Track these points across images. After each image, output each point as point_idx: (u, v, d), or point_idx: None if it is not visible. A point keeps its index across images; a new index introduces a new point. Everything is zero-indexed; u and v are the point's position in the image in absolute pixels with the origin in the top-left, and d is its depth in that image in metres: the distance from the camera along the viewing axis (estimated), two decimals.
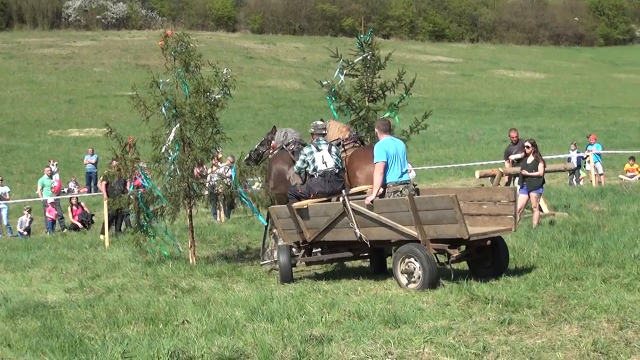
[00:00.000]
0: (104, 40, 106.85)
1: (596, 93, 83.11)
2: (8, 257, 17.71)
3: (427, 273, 10.32)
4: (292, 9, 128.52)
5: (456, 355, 7.17)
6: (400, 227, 10.88)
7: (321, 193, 12.48)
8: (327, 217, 11.87)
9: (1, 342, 8.95)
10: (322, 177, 12.59)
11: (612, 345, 7.12)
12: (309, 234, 12.12)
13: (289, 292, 11.08)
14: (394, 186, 11.65)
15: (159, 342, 8.07)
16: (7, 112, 64.71)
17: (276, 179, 14.06)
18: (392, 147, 11.86)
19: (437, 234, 10.71)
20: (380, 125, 12.49)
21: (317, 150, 12.71)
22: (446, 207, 10.49)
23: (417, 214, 10.60)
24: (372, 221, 11.26)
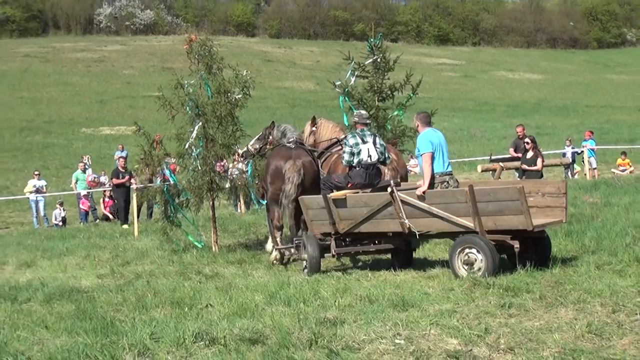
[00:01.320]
0: (132, 45, 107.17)
1: (590, 93, 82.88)
2: (45, 246, 17.77)
3: (490, 264, 9.84)
4: (306, 15, 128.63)
5: (460, 337, 7.17)
6: (455, 219, 10.30)
7: (360, 184, 11.78)
8: (367, 208, 11.03)
9: (39, 324, 8.99)
10: (364, 169, 11.83)
11: (605, 327, 7.10)
12: (343, 225, 11.26)
13: (305, 278, 11.09)
14: (440, 177, 11.11)
15: (184, 324, 8.09)
16: (43, 112, 65.01)
17: (273, 175, 13.34)
18: (436, 138, 11.30)
19: (497, 225, 10.15)
20: (421, 118, 11.78)
21: (362, 142, 11.92)
22: (511, 198, 9.95)
23: (476, 205, 10.05)
24: (420, 212, 10.59)
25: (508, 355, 6.56)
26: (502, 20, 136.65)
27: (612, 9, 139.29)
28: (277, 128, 14.77)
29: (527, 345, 6.77)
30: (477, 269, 9.93)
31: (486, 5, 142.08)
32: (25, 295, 11.22)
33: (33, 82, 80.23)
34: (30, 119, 62.26)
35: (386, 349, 6.94)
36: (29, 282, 12.60)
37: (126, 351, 7.34)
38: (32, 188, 27.48)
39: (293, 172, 12.80)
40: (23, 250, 17.29)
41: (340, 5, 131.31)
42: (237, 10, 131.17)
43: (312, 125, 14.44)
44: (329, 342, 7.21)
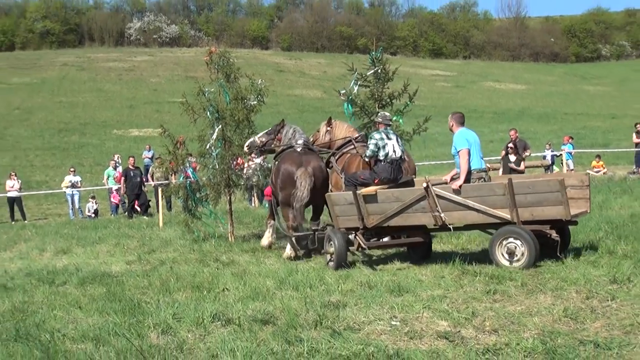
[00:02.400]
0: (159, 56, 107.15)
1: (568, 102, 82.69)
2: (79, 235, 17.80)
3: (532, 251, 9.34)
4: (315, 31, 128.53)
5: (449, 319, 7.17)
6: (491, 211, 9.80)
7: (386, 179, 11.24)
8: (398, 202, 10.42)
9: (73, 304, 9.01)
10: (390, 164, 11.32)
11: (580, 312, 7.11)
12: (372, 219, 10.62)
13: (311, 266, 11.11)
14: (477, 173, 10.73)
15: (203, 306, 8.12)
16: (79, 115, 65.10)
17: (285, 180, 12.65)
18: (471, 136, 11.00)
19: (534, 216, 9.67)
20: (456, 118, 11.38)
21: (387, 138, 11.46)
22: (551, 190, 9.52)
23: (514, 197, 9.60)
24: (454, 205, 10.06)
25: (492, 336, 6.56)
26: (490, 36, 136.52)
27: (589, 27, 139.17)
28: (287, 127, 14.25)
29: (510, 327, 6.77)
30: (521, 255, 9.49)
31: (476, 23, 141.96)
32: (62, 278, 11.26)
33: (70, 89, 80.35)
34: (67, 121, 62.34)
35: (383, 330, 6.96)
36: (65, 267, 12.64)
37: (151, 330, 7.37)
38: (68, 183, 27.51)
39: (305, 178, 12.26)
40: (60, 239, 17.33)
41: (345, 22, 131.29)
42: (253, 25, 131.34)
43: (328, 125, 14.16)
44: (332, 323, 7.22)
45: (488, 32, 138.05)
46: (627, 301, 7.39)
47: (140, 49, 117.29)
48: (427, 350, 6.20)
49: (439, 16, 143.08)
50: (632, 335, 6.27)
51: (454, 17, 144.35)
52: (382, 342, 6.45)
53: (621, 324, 6.61)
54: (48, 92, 78.18)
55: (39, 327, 7.71)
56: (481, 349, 6.12)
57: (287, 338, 6.68)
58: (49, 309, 8.79)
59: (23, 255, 15.08)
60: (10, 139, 54.86)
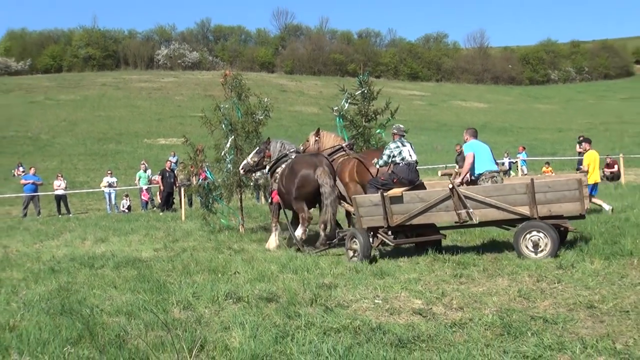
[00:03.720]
0: (183, 78, 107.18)
1: (523, 118, 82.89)
2: (115, 227, 17.80)
3: (555, 242, 8.96)
4: (313, 57, 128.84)
5: (423, 298, 7.19)
6: (512, 208, 9.38)
7: (405, 179, 10.62)
8: (423, 202, 9.83)
9: (109, 284, 9.00)
10: (407, 166, 10.75)
11: (531, 292, 7.12)
12: (395, 218, 9.95)
13: (311, 250, 11.11)
14: (489, 173, 10.55)
15: (218, 287, 8.12)
16: (115, 127, 65.16)
17: (303, 180, 11.75)
18: (479, 146, 10.87)
19: (551, 212, 9.29)
20: (470, 132, 11.32)
21: (402, 145, 10.96)
22: (570, 188, 9.22)
23: (534, 195, 9.26)
24: (477, 204, 9.56)
25: (459, 312, 6.57)
26: (458, 63, 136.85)
27: (541, 56, 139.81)
28: (273, 142, 13.57)
29: (473, 305, 6.78)
30: (545, 245, 9.05)
31: (446, 52, 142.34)
32: (100, 263, 11.25)
33: (108, 105, 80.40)
34: (105, 132, 62.38)
35: (368, 307, 6.96)
36: (102, 253, 12.62)
37: (174, 306, 7.37)
38: (105, 183, 27.55)
39: (325, 177, 11.58)
40: (99, 230, 17.32)
41: (337, 50, 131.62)
42: (261, 52, 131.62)
43: (316, 135, 13.69)
44: (325, 301, 7.23)
45: (456, 60, 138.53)
46: (571, 284, 7.40)
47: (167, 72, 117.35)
48: (404, 324, 6.20)
49: (416, 46, 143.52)
50: (575, 312, 6.28)
51: (428, 47, 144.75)
52: (367, 317, 6.46)
53: (566, 303, 6.62)
54: (89, 107, 78.21)
55: (80, 303, 7.70)
56: (449, 323, 6.13)
57: (288, 313, 6.69)
58: (89, 288, 8.79)
59: (68, 243, 15.07)
60: (58, 146, 54.96)
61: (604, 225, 11.39)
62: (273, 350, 5.44)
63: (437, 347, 5.42)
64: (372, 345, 5.46)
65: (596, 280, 7.47)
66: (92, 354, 5.63)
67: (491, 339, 5.56)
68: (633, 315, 6.05)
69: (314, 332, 5.95)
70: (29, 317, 7.14)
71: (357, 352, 5.22)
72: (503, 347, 5.26)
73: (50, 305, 7.63)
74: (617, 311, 6.22)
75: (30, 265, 11.65)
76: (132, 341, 5.97)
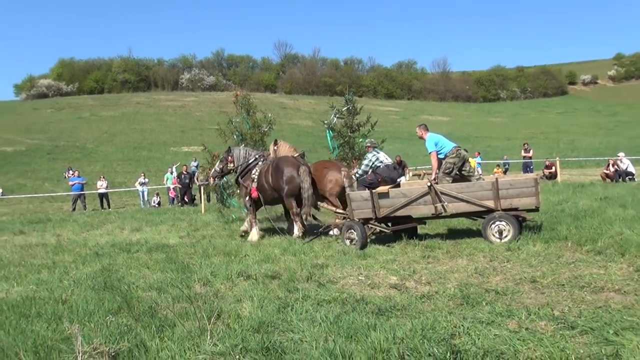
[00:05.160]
0: (202, 97, 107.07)
1: (478, 129, 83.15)
2: (147, 219, 17.77)
3: (515, 229, 8.86)
4: (307, 80, 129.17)
5: (398, 275, 7.19)
6: (480, 202, 9.28)
7: (388, 178, 10.60)
8: (405, 197, 9.73)
9: (143, 265, 8.98)
10: (387, 167, 10.75)
11: (485, 270, 7.14)
12: (382, 211, 9.88)
13: (304, 240, 11.10)
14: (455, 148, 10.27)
15: (231, 267, 8.12)
16: (147, 138, 65.05)
17: (289, 178, 11.30)
18: (437, 137, 10.51)
19: (512, 205, 9.18)
20: (423, 127, 10.83)
21: (377, 153, 10.97)
22: (527, 185, 9.15)
23: (498, 191, 9.16)
24: (450, 198, 9.46)
25: (427, 286, 6.58)
26: (425, 85, 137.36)
27: (492, 78, 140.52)
28: (236, 150, 12.78)
29: (439, 281, 6.80)
30: (508, 232, 8.90)
31: (416, 75, 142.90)
32: (135, 248, 11.23)
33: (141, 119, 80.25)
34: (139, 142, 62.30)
35: (353, 282, 6.97)
36: (137, 240, 12.61)
37: (196, 282, 7.36)
38: (139, 182, 27.56)
39: (305, 175, 11.31)
40: (134, 221, 17.29)
41: (327, 74, 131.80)
42: (265, 76, 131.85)
43: (275, 145, 12.84)
44: (318, 278, 7.23)
45: (424, 82, 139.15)
46: (517, 263, 7.43)
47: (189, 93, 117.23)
48: (383, 296, 6.21)
49: (391, 71, 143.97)
50: (521, 286, 6.30)
51: (401, 72, 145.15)
52: (352, 291, 6.47)
53: (513, 278, 6.64)
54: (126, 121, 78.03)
55: (119, 281, 7.69)
56: (419, 295, 6.14)
57: (288, 288, 6.68)
58: (127, 269, 8.78)
59: (109, 232, 15.04)
60: (101, 153, 54.83)
61: (543, 216, 11.43)
62: (276, 318, 5.45)
63: (409, 314, 5.44)
64: (356, 313, 5.47)
65: (538, 259, 7.50)
66: (130, 322, 5.63)
67: (453, 307, 5.57)
68: (568, 287, 6.08)
69: (309, 303, 5.95)
70: (78, 292, 7.13)
71: (345, 319, 5.22)
72: (463, 314, 5.27)
73: (95, 283, 7.62)
74: (555, 285, 6.24)
75: (79, 250, 11.63)
76: (162, 311, 5.97)
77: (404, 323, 5.09)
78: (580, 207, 12.49)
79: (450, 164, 10.23)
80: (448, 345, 4.29)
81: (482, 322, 4.99)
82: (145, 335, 5.08)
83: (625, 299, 5.54)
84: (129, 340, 4.97)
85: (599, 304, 5.38)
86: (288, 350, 4.56)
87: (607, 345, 4.30)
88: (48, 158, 52.60)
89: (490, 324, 4.94)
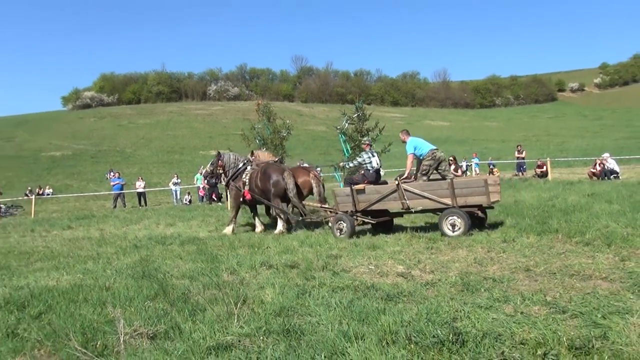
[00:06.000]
0: (227, 106, 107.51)
1: (475, 132, 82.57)
2: (180, 215, 17.87)
3: (466, 225, 9.10)
4: (321, 90, 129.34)
5: (404, 265, 7.16)
6: (439, 199, 9.51)
7: (370, 182, 10.66)
8: (379, 194, 10.13)
9: (177, 256, 9.03)
10: (375, 172, 10.81)
11: (483, 260, 7.09)
12: (361, 205, 10.32)
13: (320, 232, 11.10)
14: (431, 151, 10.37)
15: (255, 257, 8.13)
16: (179, 143, 65.42)
17: (276, 181, 11.66)
18: (416, 139, 10.68)
19: (466, 202, 9.37)
20: (404, 132, 11.02)
21: (372, 156, 10.99)
22: (478, 185, 9.33)
23: (454, 191, 9.38)
24: (414, 195, 9.72)
25: (430, 275, 6.55)
26: (427, 93, 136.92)
27: (488, 87, 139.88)
28: (226, 156, 13.06)
29: (441, 270, 6.76)
30: (459, 228, 9.09)
31: (419, 85, 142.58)
32: (170, 241, 11.30)
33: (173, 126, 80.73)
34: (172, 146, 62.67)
35: (364, 271, 6.95)
36: (171, 234, 12.69)
37: (224, 271, 7.39)
38: (172, 182, 27.73)
39: (290, 178, 11.64)
40: (168, 217, 17.40)
41: (339, 85, 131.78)
42: (283, 87, 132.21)
43: (251, 155, 13.11)
44: (333, 267, 7.22)
45: (426, 90, 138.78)
46: (513, 253, 7.37)
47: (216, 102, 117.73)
48: (391, 284, 6.19)
49: (397, 81, 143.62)
50: (516, 274, 6.25)
51: (405, 81, 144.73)
52: (363, 279, 6.45)
53: (509, 267, 6.59)
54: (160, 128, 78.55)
55: (156, 270, 7.74)
56: (423, 283, 6.11)
57: (306, 276, 6.69)
58: (162, 259, 8.83)
59: (146, 227, 15.16)
60: (138, 157, 55.22)
61: (536, 210, 11.33)
62: (296, 303, 5.45)
63: (415, 300, 5.41)
64: (367, 299, 5.46)
65: (531, 250, 7.43)
66: (165, 306, 5.66)
67: (455, 294, 5.54)
68: (559, 275, 6.02)
69: (325, 289, 5.95)
70: (119, 280, 7.18)
71: (357, 304, 5.21)
72: (463, 300, 5.24)
73: (134, 272, 7.68)
74: (547, 273, 6.18)
75: (120, 243, 11.73)
76: (194, 297, 5.99)
77: (411, 308, 5.07)
78: (570, 203, 12.36)
79: (426, 165, 10.43)
80: (450, 328, 4.27)
81: (481, 306, 4.95)
82: (180, 319, 5.12)
83: (611, 285, 5.47)
84: (165, 323, 5.01)
85: (588, 291, 5.32)
86: (306, 332, 4.56)
87: (595, 327, 4.25)
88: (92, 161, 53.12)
89: (489, 308, 4.90)
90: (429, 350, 3.96)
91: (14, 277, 7.97)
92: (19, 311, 5.87)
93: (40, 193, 32.02)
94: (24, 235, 14.76)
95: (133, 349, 4.49)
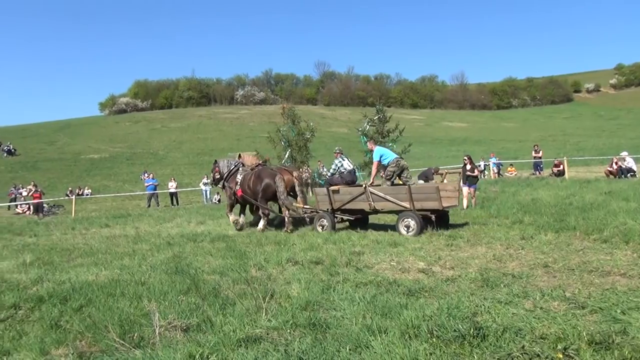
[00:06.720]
0: (254, 110, 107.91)
1: (493, 133, 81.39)
2: (210, 213, 18.01)
3: (419, 226, 9.48)
4: (344, 93, 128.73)
5: (425, 261, 7.11)
6: (399, 202, 10.07)
7: (349, 181, 11.35)
8: (350, 195, 10.78)
9: (207, 253, 9.10)
10: (349, 172, 11.39)
11: (502, 256, 7.00)
12: (336, 204, 10.98)
13: (343, 230, 11.08)
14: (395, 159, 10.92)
15: (282, 254, 8.15)
16: (209, 145, 65.94)
17: (267, 184, 12.11)
18: (382, 149, 11.45)
19: (422, 206, 9.88)
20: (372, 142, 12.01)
21: (342, 160, 11.53)
22: (431, 192, 9.85)
23: (411, 195, 9.90)
24: (379, 198, 10.33)
25: (451, 271, 6.49)
26: (445, 95, 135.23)
27: (505, 89, 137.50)
28: (221, 162, 13.86)
29: (461, 266, 6.69)
30: (412, 229, 9.58)
31: (437, 87, 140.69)
32: (200, 238, 11.40)
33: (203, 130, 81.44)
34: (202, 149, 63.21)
35: (386, 267, 6.91)
36: (202, 232, 12.79)
37: (252, 267, 7.42)
38: (203, 183, 27.95)
39: (281, 182, 11.97)
40: (199, 215, 17.56)
41: (360, 88, 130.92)
42: (307, 91, 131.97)
43: (239, 158, 13.85)
44: (356, 263, 7.20)
45: (444, 93, 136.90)
46: (531, 250, 7.25)
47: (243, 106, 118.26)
48: (412, 279, 6.14)
49: (416, 84, 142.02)
50: (535, 270, 6.14)
51: (424, 85, 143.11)
52: (386, 275, 6.42)
53: (528, 264, 6.49)
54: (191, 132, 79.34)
55: (188, 266, 7.81)
56: (444, 279, 6.05)
57: (330, 272, 6.68)
58: (194, 255, 8.91)
59: (179, 225, 15.31)
60: (170, 158, 55.89)
61: (553, 208, 11.12)
62: (321, 297, 5.44)
63: (436, 295, 5.36)
64: (390, 294, 5.42)
65: (549, 247, 7.30)
66: (197, 300, 5.71)
67: (475, 289, 5.47)
68: (577, 272, 5.89)
69: (349, 285, 5.93)
70: (154, 275, 7.27)
71: (380, 299, 5.18)
72: (483, 295, 5.17)
73: (168, 267, 7.77)
74: (565, 269, 6.06)
75: (154, 240, 11.87)
76: (224, 292, 6.04)
77: (432, 303, 5.02)
78: (587, 201, 12.10)
79: (390, 172, 11.07)
80: (471, 322, 4.21)
81: (501, 302, 4.88)
82: (211, 312, 5.16)
83: (630, 282, 5.34)
84: (197, 316, 5.05)
85: (607, 287, 5.20)
86: (332, 326, 4.55)
87: (615, 323, 4.15)
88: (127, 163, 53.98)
89: (509, 303, 4.83)
90: (450, 344, 3.92)
91: (57, 272, 8.14)
92: (62, 304, 5.99)
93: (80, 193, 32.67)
94: (66, 233, 15.06)
95: (168, 340, 4.54)
